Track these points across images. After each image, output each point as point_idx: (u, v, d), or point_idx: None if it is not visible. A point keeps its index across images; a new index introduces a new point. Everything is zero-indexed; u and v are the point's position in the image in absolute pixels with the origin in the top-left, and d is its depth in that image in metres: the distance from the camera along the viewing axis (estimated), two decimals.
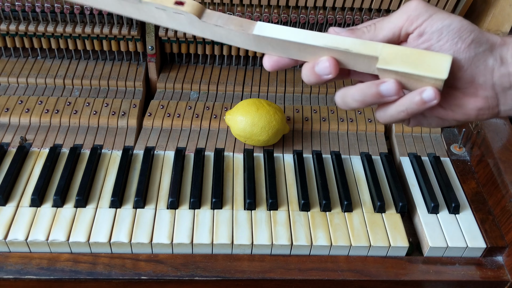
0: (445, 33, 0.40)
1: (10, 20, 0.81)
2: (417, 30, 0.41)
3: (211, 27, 0.43)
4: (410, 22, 0.41)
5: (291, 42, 0.42)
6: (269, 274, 0.60)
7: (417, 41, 0.42)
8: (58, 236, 0.60)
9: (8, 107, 0.77)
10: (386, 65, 0.40)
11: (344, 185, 0.68)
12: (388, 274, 0.61)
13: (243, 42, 0.44)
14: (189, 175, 0.69)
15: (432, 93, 0.40)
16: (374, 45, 0.41)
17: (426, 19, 0.41)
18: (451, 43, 0.40)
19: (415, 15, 0.41)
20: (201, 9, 0.43)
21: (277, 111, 0.72)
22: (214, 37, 0.44)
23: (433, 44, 0.41)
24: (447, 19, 0.41)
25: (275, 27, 0.42)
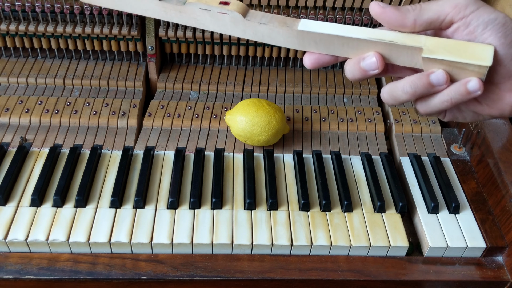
0: (490, 27, 0.41)
1: (10, 20, 0.81)
2: (463, 20, 0.41)
3: (254, 25, 0.43)
4: (457, 11, 0.41)
5: (335, 36, 0.42)
6: (269, 274, 0.60)
7: (462, 31, 0.42)
8: (58, 236, 0.60)
9: (8, 107, 0.77)
10: (432, 54, 0.41)
11: (344, 185, 0.68)
12: (388, 274, 0.61)
13: (286, 40, 0.44)
14: (189, 175, 0.69)
15: (476, 84, 0.41)
16: (417, 37, 0.42)
17: (474, 11, 0.41)
18: (494, 37, 0.41)
19: (464, 4, 0.41)
20: (246, 8, 0.43)
21: (277, 111, 0.72)
22: (256, 36, 0.44)
23: (477, 36, 0.41)
24: (493, 13, 0.41)
25: (318, 23, 0.43)
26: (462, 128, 0.77)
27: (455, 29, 0.42)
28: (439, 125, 0.81)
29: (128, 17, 0.81)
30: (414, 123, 0.80)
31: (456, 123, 0.81)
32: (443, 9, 0.42)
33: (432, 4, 0.42)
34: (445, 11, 0.42)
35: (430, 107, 0.44)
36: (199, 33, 0.83)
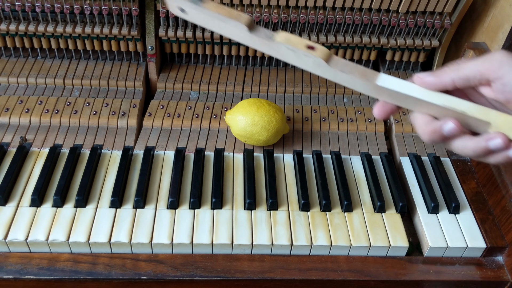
0: None
1: (10, 20, 0.81)
2: (499, 81, 0.43)
3: (336, 72, 0.46)
4: (490, 71, 0.43)
5: (411, 97, 0.45)
6: (269, 274, 0.60)
7: (500, 90, 0.43)
8: (58, 236, 0.60)
9: (8, 107, 0.77)
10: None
11: (344, 185, 0.68)
12: (388, 274, 0.61)
13: (364, 89, 0.47)
14: (189, 175, 0.69)
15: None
16: (487, 111, 0.44)
17: (507, 72, 0.42)
18: None
19: (497, 66, 0.42)
20: (329, 55, 0.46)
21: (277, 111, 0.72)
22: (335, 79, 0.47)
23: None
24: None
25: (397, 81, 0.46)
26: None
27: (496, 88, 0.44)
28: None
29: (128, 17, 0.81)
30: None
31: None
32: (477, 67, 0.43)
33: (469, 62, 0.44)
34: (479, 70, 0.43)
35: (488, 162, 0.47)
36: (199, 33, 0.83)
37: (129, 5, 0.79)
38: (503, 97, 0.43)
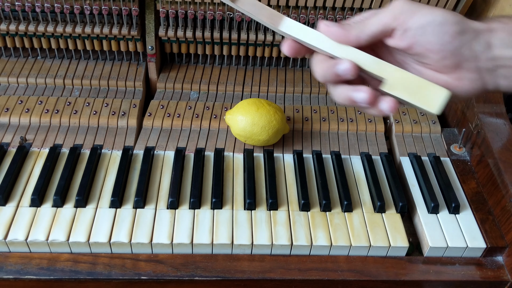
0: (429, 29, 0.43)
1: (10, 20, 0.81)
2: (401, 27, 0.43)
3: (244, 11, 0.46)
4: (394, 20, 0.44)
5: (312, 46, 0.46)
6: (269, 274, 0.60)
7: (404, 36, 0.44)
8: (58, 236, 0.60)
9: (8, 107, 0.77)
10: (390, 90, 0.44)
11: (344, 185, 0.68)
12: (388, 274, 0.61)
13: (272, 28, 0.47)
14: (189, 175, 0.69)
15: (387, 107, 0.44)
16: (384, 66, 0.45)
17: (411, 17, 0.43)
18: (436, 37, 0.43)
19: (399, 12, 0.43)
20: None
21: (277, 110, 0.72)
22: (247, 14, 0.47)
23: (418, 39, 0.43)
24: (429, 15, 0.43)
25: (300, 27, 0.46)
26: (462, 128, 0.77)
27: (398, 36, 0.44)
28: (439, 125, 0.81)
29: (128, 17, 0.81)
30: (414, 123, 0.80)
31: (456, 123, 0.81)
32: (382, 21, 0.44)
33: (372, 19, 0.45)
34: (384, 22, 0.44)
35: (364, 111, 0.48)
36: (199, 33, 0.83)
37: (129, 5, 0.79)
38: (405, 44, 0.44)
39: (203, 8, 0.79)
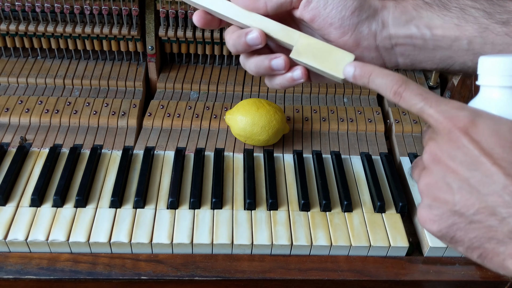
0: (330, 2, 0.44)
1: (10, 20, 0.81)
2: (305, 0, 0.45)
3: None
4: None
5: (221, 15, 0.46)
6: (269, 274, 0.60)
7: (307, 8, 0.45)
8: (58, 236, 0.60)
9: (8, 107, 0.77)
10: (298, 56, 0.45)
11: (344, 185, 0.68)
12: (388, 274, 0.61)
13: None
14: (189, 175, 0.69)
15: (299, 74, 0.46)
16: (292, 33, 0.46)
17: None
18: (336, 11, 0.44)
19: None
20: None
21: (277, 110, 0.72)
22: None
23: (320, 11, 0.44)
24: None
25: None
26: None
27: (302, 6, 0.45)
28: None
29: (128, 17, 0.81)
30: (414, 123, 0.80)
31: None
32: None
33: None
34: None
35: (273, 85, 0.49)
36: (199, 33, 0.83)
37: (129, 5, 0.79)
38: (309, 16, 0.45)
39: None
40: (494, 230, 0.32)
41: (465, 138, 0.33)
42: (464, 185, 0.33)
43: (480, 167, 0.32)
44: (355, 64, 0.42)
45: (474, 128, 0.33)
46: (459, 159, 0.33)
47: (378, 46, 0.46)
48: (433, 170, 0.35)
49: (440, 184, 0.34)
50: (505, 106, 0.36)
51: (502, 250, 0.32)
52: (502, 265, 0.33)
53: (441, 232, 0.35)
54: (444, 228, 0.35)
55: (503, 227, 0.31)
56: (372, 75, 0.41)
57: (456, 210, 0.34)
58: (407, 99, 0.37)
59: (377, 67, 0.41)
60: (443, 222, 0.35)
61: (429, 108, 0.35)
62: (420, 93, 0.37)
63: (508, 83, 0.36)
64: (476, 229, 0.33)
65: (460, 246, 0.35)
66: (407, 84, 0.38)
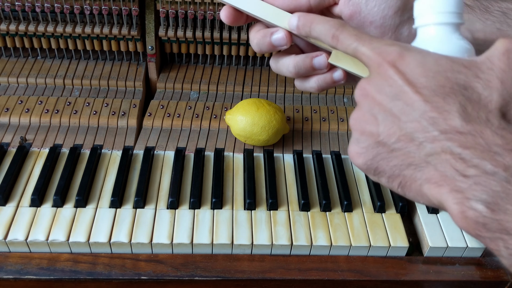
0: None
1: (10, 20, 0.81)
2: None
3: None
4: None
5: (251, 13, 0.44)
6: (269, 274, 0.60)
7: (348, 3, 0.43)
8: (58, 236, 0.60)
9: (8, 107, 0.77)
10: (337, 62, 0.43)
11: (344, 185, 0.68)
12: (388, 274, 0.61)
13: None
14: (189, 175, 0.69)
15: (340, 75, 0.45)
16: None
17: None
18: (378, 8, 0.42)
19: None
20: None
21: (277, 110, 0.72)
22: None
23: (362, 7, 0.43)
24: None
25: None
26: None
27: (343, 2, 0.44)
28: None
29: (128, 17, 0.81)
30: None
31: None
32: None
33: None
34: None
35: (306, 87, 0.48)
36: (199, 33, 0.83)
37: (129, 5, 0.79)
38: (348, 11, 0.43)
39: (203, 8, 0.79)
40: (412, 156, 0.33)
41: (392, 69, 0.33)
42: (388, 115, 0.34)
43: (403, 96, 0.33)
44: (298, 15, 0.42)
45: (402, 61, 0.34)
46: (384, 90, 0.34)
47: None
48: (362, 104, 0.36)
49: (367, 116, 0.35)
50: (440, 42, 0.37)
51: (419, 175, 0.33)
52: (420, 191, 0.33)
53: (366, 165, 0.36)
54: (369, 160, 0.35)
55: (420, 151, 0.32)
56: (313, 23, 0.41)
57: (379, 141, 0.34)
58: (343, 41, 0.38)
59: (318, 16, 0.41)
60: (368, 154, 0.35)
61: (361, 47, 0.36)
62: (355, 34, 0.37)
63: (443, 20, 0.37)
64: (396, 157, 0.34)
65: (383, 176, 0.36)
66: (344, 27, 0.38)
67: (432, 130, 0.31)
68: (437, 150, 0.31)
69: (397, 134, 0.33)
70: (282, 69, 0.47)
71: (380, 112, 0.34)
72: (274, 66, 0.48)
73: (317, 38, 0.41)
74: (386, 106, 0.34)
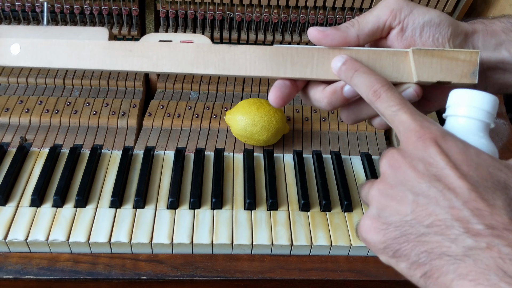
0: (427, 29, 0.42)
1: (10, 20, 0.81)
2: (400, 26, 0.42)
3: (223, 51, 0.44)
4: (393, 17, 0.42)
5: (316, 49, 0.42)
6: (269, 274, 0.60)
7: (401, 36, 0.43)
8: (58, 236, 0.60)
9: (8, 107, 0.77)
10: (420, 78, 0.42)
11: (344, 185, 0.68)
12: (388, 274, 0.61)
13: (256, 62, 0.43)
14: (189, 175, 0.69)
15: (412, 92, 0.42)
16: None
17: (408, 14, 0.42)
18: (432, 38, 0.42)
19: (398, 9, 0.42)
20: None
21: (277, 110, 0.72)
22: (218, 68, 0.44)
23: (416, 39, 0.42)
24: (427, 14, 0.42)
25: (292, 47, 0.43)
26: None
27: (395, 35, 0.43)
28: None
29: (128, 17, 0.81)
30: None
31: None
32: (380, 18, 0.42)
33: (369, 16, 0.43)
34: (382, 19, 0.42)
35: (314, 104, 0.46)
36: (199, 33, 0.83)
37: (129, 5, 0.79)
38: (402, 45, 0.43)
39: (203, 8, 0.79)
40: (447, 246, 0.30)
41: (434, 148, 0.32)
42: (421, 195, 0.31)
43: (444, 179, 0.31)
44: (346, 57, 0.41)
45: (444, 142, 0.32)
46: (421, 168, 0.32)
47: None
48: (390, 176, 0.33)
49: (396, 191, 0.32)
50: (472, 135, 0.36)
51: (452, 269, 0.29)
52: (447, 286, 0.30)
53: (385, 244, 0.33)
54: (390, 239, 0.33)
55: (458, 243, 0.29)
56: (358, 71, 0.40)
57: (407, 221, 0.31)
58: (384, 100, 0.36)
59: (365, 66, 0.40)
60: (390, 233, 0.32)
61: (403, 113, 0.35)
62: (399, 98, 0.36)
63: (478, 116, 0.36)
64: (427, 243, 0.31)
65: (403, 261, 0.33)
66: (389, 86, 0.37)
67: (476, 222, 0.29)
68: (481, 246, 0.28)
69: (432, 218, 0.30)
70: (313, 104, 0.45)
71: (413, 189, 0.32)
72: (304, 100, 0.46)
73: (355, 87, 0.39)
74: (422, 185, 0.31)
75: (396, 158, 0.33)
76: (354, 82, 0.40)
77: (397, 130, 0.35)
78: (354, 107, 0.44)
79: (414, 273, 0.32)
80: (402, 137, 0.34)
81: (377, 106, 0.37)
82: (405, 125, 0.34)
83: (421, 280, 0.32)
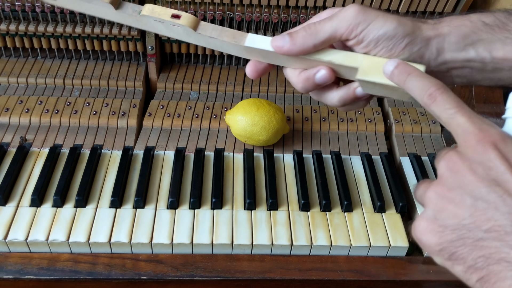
0: (381, 42, 0.44)
1: (10, 20, 0.81)
2: (356, 39, 0.45)
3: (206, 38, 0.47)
4: (350, 31, 0.44)
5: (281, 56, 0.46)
6: (269, 274, 0.60)
7: (357, 46, 0.45)
8: (58, 236, 0.60)
9: (8, 107, 0.77)
10: (365, 76, 0.45)
11: (344, 185, 0.68)
12: (388, 274, 0.61)
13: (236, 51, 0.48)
14: (189, 175, 0.69)
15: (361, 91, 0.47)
16: (354, 56, 0.45)
17: (364, 29, 0.44)
18: (386, 49, 0.44)
19: (355, 24, 0.44)
20: (196, 21, 0.47)
21: (277, 110, 0.72)
22: (209, 45, 0.48)
23: (371, 50, 0.45)
24: (382, 27, 0.43)
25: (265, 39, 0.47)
26: None
27: (352, 44, 0.45)
28: (439, 125, 0.80)
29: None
30: (414, 123, 0.80)
31: None
32: (336, 30, 0.44)
33: (327, 26, 0.45)
34: (339, 32, 0.44)
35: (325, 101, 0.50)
36: None
37: None
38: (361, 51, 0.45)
39: (203, 8, 0.79)
40: (506, 252, 0.30)
41: (494, 152, 0.31)
42: (480, 199, 0.31)
43: (504, 184, 0.31)
44: (398, 61, 0.42)
45: (504, 146, 0.32)
46: (481, 172, 0.32)
47: (433, 71, 0.45)
48: (448, 179, 0.33)
49: (454, 195, 0.33)
50: None
51: (510, 275, 0.29)
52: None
53: (441, 246, 0.33)
54: (446, 241, 0.33)
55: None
56: (411, 75, 0.40)
57: (464, 225, 0.32)
58: (441, 103, 0.36)
59: (418, 69, 0.41)
60: (446, 235, 0.33)
61: (461, 116, 0.34)
62: (456, 100, 0.36)
63: None
64: (484, 248, 0.31)
65: (460, 264, 0.33)
66: (445, 89, 0.37)
67: None
68: None
69: (491, 223, 0.31)
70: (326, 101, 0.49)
71: (472, 193, 0.32)
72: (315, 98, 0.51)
73: (409, 90, 0.40)
74: (481, 190, 0.31)
75: (455, 161, 0.33)
76: (408, 86, 0.40)
77: (454, 133, 0.35)
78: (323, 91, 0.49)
79: (470, 277, 0.33)
80: (460, 140, 0.34)
81: (433, 109, 0.37)
82: (463, 128, 0.34)
83: (477, 284, 0.32)
